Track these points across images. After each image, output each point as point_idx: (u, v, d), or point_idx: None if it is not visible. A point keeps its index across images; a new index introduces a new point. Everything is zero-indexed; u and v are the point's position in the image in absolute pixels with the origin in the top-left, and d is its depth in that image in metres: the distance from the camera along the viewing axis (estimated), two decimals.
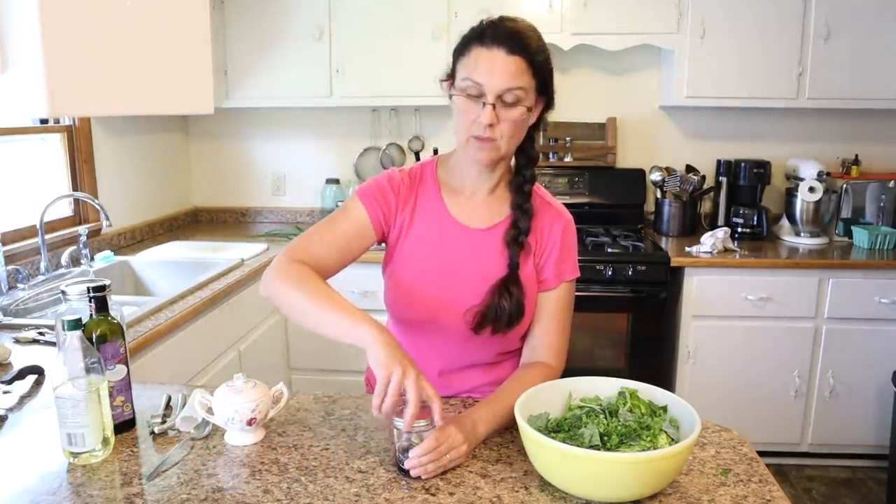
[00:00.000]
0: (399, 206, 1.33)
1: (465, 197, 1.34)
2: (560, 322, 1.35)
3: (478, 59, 1.21)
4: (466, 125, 1.23)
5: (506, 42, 1.21)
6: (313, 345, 2.92)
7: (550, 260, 1.33)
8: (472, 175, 1.33)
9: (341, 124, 3.48)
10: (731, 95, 2.99)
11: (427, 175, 1.37)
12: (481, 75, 1.20)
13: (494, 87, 1.19)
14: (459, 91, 1.23)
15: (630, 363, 2.85)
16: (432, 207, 1.34)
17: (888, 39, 2.88)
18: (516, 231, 1.29)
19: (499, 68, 1.19)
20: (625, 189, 3.28)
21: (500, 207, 1.33)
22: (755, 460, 1.11)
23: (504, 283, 1.28)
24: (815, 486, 2.83)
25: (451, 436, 1.09)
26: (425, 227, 1.33)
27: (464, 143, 1.25)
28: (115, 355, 1.18)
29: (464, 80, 1.22)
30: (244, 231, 3.36)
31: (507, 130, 1.22)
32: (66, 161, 2.66)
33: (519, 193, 1.31)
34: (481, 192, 1.34)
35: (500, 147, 1.23)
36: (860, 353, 2.80)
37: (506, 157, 1.29)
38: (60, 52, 1.04)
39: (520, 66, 1.20)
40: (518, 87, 1.20)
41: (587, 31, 2.96)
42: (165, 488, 1.03)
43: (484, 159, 1.25)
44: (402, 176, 1.36)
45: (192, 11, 1.38)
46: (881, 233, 2.91)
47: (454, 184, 1.35)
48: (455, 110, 1.26)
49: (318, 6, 3.04)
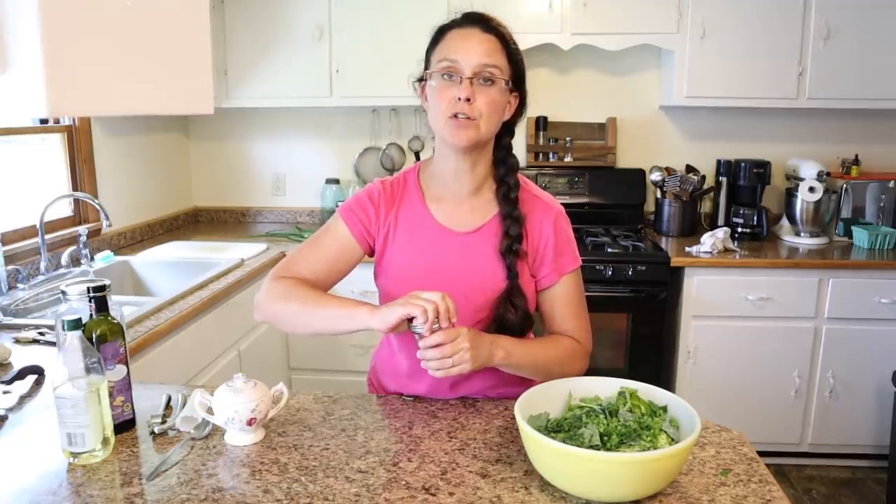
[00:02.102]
0: (381, 216, 1.34)
1: (449, 201, 1.33)
2: (574, 309, 1.35)
3: (452, 39, 1.24)
4: (444, 107, 1.23)
5: (480, 22, 1.25)
6: (313, 345, 2.92)
7: (547, 257, 1.32)
8: (451, 172, 1.31)
9: (341, 124, 3.49)
10: (731, 95, 2.99)
11: (410, 182, 1.36)
12: (457, 52, 1.22)
13: (470, 62, 1.21)
14: (436, 73, 1.24)
15: (630, 363, 2.85)
16: (416, 214, 1.33)
17: (888, 39, 2.88)
18: (509, 240, 1.28)
19: (475, 44, 1.22)
20: (625, 189, 3.28)
21: (484, 209, 1.32)
22: (755, 460, 1.11)
23: (506, 297, 1.27)
24: (815, 486, 2.83)
25: (459, 333, 1.14)
26: (411, 235, 1.32)
27: (441, 127, 1.24)
28: (115, 355, 1.18)
29: (440, 61, 1.24)
30: (244, 231, 3.36)
31: (485, 109, 1.22)
32: (65, 161, 2.66)
33: (506, 202, 1.30)
34: (463, 193, 1.32)
35: (479, 126, 1.22)
36: (860, 353, 2.80)
37: (484, 141, 1.27)
38: (60, 52, 1.04)
39: (494, 44, 1.23)
40: (493, 65, 1.22)
41: (587, 31, 2.96)
42: (165, 488, 1.03)
43: (462, 139, 1.22)
44: (383, 186, 1.36)
45: (192, 11, 1.38)
46: (881, 233, 2.91)
47: (437, 188, 1.34)
48: (431, 96, 1.26)
49: (318, 6, 3.04)
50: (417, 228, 1.32)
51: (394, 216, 1.34)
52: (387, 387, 1.45)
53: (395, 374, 1.42)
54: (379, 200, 1.34)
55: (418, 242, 1.32)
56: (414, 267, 1.31)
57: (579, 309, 1.36)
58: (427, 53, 1.30)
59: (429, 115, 1.28)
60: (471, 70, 1.21)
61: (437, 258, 1.30)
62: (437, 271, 1.30)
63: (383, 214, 1.34)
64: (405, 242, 1.32)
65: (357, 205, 1.35)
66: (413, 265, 1.31)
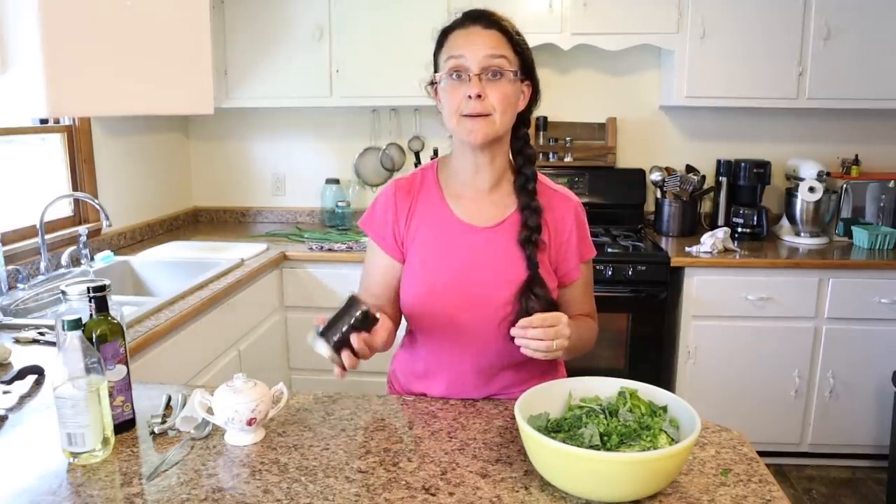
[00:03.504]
0: (399, 218, 1.34)
1: (469, 197, 1.34)
2: (590, 293, 1.42)
3: (456, 38, 1.25)
4: (455, 105, 1.23)
5: (480, 19, 1.26)
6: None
7: (571, 251, 1.34)
8: (470, 168, 1.32)
9: (341, 124, 3.49)
10: (730, 95, 2.99)
11: (428, 179, 1.37)
12: (461, 48, 1.23)
13: (476, 56, 1.22)
14: (444, 75, 1.25)
15: (630, 363, 2.85)
16: (436, 211, 1.34)
17: (888, 39, 2.88)
18: (528, 231, 1.28)
19: (478, 39, 1.23)
20: (625, 189, 3.28)
21: (504, 203, 1.33)
22: (755, 460, 1.11)
23: (528, 287, 1.27)
24: (815, 486, 2.83)
25: (561, 320, 1.18)
26: (431, 232, 1.33)
27: (455, 126, 1.25)
28: (115, 355, 1.18)
29: (446, 61, 1.24)
30: (244, 231, 3.36)
31: (498, 103, 1.22)
32: (65, 161, 2.66)
33: (524, 193, 1.31)
34: (483, 188, 1.33)
35: (494, 121, 1.23)
36: (860, 353, 2.80)
37: (501, 135, 1.27)
38: (60, 52, 1.04)
39: (498, 38, 1.24)
40: (500, 55, 1.23)
41: (587, 31, 2.96)
42: (165, 488, 1.03)
43: (478, 136, 1.23)
44: (397, 186, 1.37)
45: (192, 11, 1.38)
46: (881, 233, 2.91)
47: (456, 184, 1.35)
48: (443, 97, 1.27)
49: (318, 6, 3.04)
50: (439, 227, 1.32)
51: (411, 214, 1.34)
52: (409, 387, 1.44)
53: (412, 373, 1.42)
54: (395, 203, 1.35)
55: (439, 239, 1.32)
56: (436, 264, 1.31)
57: (592, 294, 1.44)
58: (434, 56, 1.31)
59: (443, 116, 1.29)
60: (478, 66, 1.21)
61: (459, 254, 1.31)
62: (462, 269, 1.30)
63: (401, 214, 1.34)
64: (425, 239, 1.33)
65: (375, 218, 1.37)
66: (435, 262, 1.31)
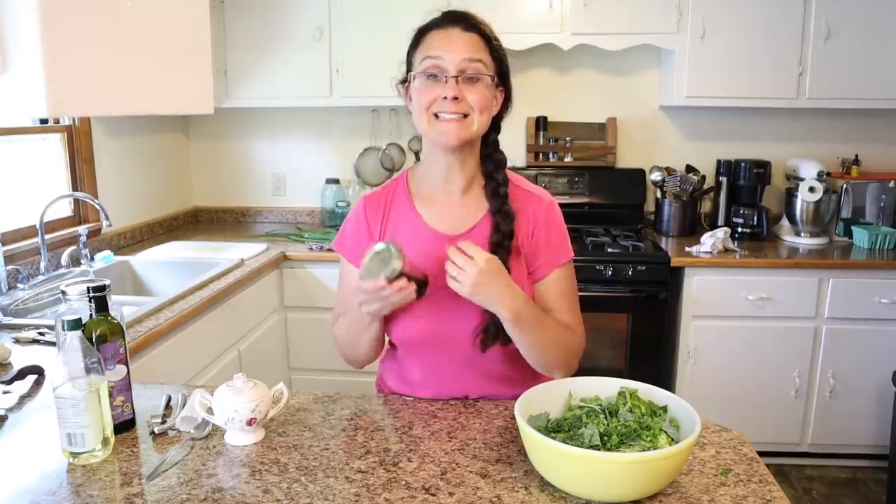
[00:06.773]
0: (373, 232, 1.34)
1: (440, 201, 1.32)
2: (569, 304, 1.33)
3: (434, 38, 1.23)
4: (426, 103, 1.22)
5: (460, 21, 1.24)
6: (313, 345, 2.92)
7: (540, 247, 1.30)
8: (442, 171, 1.30)
9: (341, 124, 3.49)
10: (731, 95, 2.99)
11: (399, 188, 1.36)
12: (439, 49, 1.21)
13: (454, 59, 1.20)
14: (419, 74, 1.23)
15: (630, 363, 2.85)
16: (406, 220, 1.32)
17: (888, 39, 2.88)
18: (500, 236, 1.25)
19: (457, 41, 1.21)
20: (625, 189, 3.28)
21: (475, 208, 1.31)
22: (755, 460, 1.11)
23: None
24: (815, 486, 2.83)
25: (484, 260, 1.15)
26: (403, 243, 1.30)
27: (426, 128, 1.23)
28: (115, 355, 1.18)
29: (422, 60, 1.22)
30: (244, 231, 3.37)
31: (476, 103, 1.21)
32: (65, 161, 2.66)
33: (496, 198, 1.28)
34: (455, 191, 1.31)
35: (472, 122, 1.22)
36: (860, 353, 2.80)
37: (476, 137, 1.26)
38: (60, 52, 1.04)
39: (476, 41, 1.22)
40: (478, 59, 1.21)
41: (587, 31, 2.96)
42: (165, 488, 1.03)
43: (452, 138, 1.21)
44: (366, 203, 1.36)
45: (192, 11, 1.38)
46: (881, 233, 2.91)
47: (427, 189, 1.33)
48: (414, 96, 1.25)
49: (318, 6, 3.04)
50: (410, 237, 1.29)
51: (383, 225, 1.33)
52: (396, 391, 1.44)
53: (403, 381, 1.42)
54: (365, 217, 1.35)
55: (412, 252, 1.28)
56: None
57: (574, 304, 1.35)
58: (408, 55, 1.29)
59: (413, 116, 1.27)
60: (455, 68, 1.20)
61: (432, 264, 1.27)
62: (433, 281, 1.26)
63: (373, 227, 1.34)
64: None
65: (348, 236, 1.37)
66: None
